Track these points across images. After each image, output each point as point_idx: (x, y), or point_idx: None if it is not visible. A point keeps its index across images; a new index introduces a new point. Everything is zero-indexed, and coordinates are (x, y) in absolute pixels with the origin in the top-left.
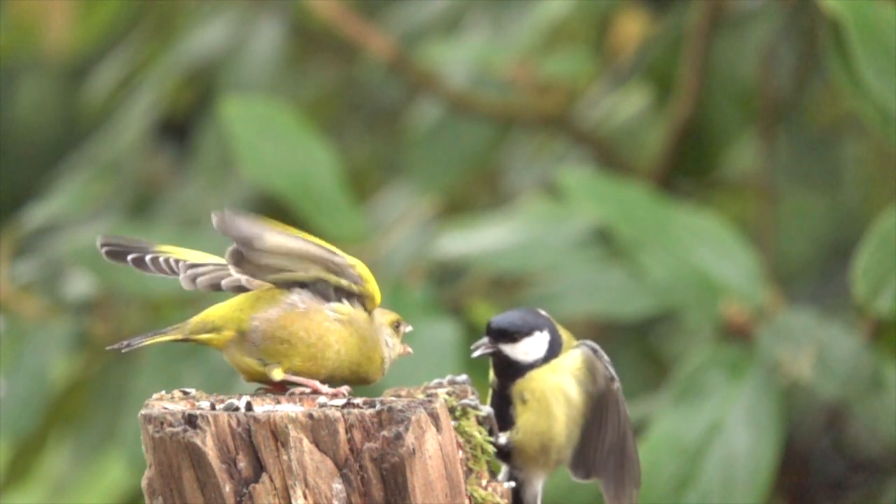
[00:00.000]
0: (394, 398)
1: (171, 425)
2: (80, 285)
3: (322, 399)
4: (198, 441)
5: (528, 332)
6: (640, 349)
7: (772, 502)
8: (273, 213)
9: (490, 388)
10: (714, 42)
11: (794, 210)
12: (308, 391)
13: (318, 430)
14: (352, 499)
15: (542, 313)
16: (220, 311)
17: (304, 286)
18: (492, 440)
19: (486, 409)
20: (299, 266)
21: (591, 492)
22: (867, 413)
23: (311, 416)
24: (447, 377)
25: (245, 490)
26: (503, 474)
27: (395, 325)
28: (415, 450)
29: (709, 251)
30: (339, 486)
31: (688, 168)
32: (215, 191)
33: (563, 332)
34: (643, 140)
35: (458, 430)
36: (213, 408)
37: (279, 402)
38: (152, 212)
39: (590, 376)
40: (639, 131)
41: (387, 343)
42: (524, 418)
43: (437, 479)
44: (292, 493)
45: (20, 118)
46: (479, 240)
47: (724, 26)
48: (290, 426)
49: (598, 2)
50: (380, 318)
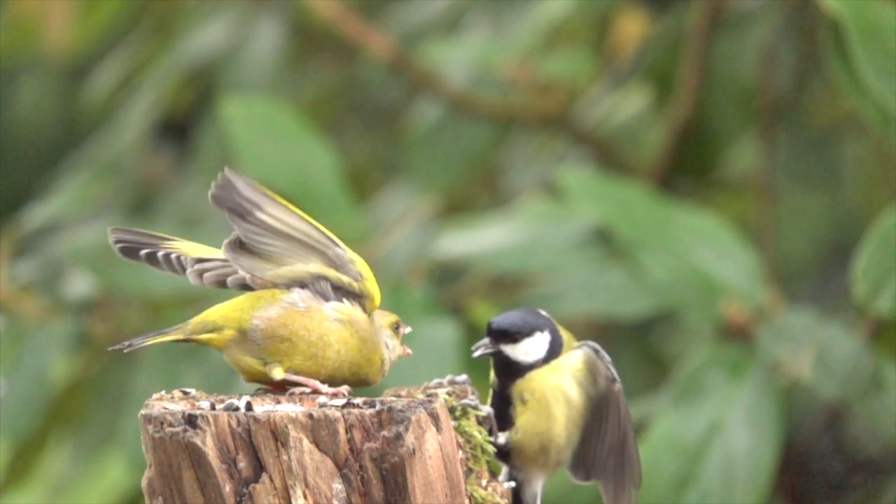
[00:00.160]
0: (394, 398)
1: (171, 425)
2: (80, 285)
3: (322, 399)
4: (198, 441)
5: (528, 333)
6: (640, 349)
7: (772, 502)
8: None
9: (491, 388)
10: (714, 42)
11: (794, 210)
12: (308, 391)
13: (318, 430)
14: (352, 499)
15: (543, 314)
16: (221, 311)
17: (304, 286)
18: (491, 440)
19: (486, 409)
20: (299, 254)
21: (591, 493)
22: (867, 413)
23: (311, 416)
24: (447, 377)
25: (245, 490)
26: (504, 475)
27: (395, 327)
28: (415, 450)
29: (709, 251)
30: (339, 486)
31: (688, 168)
32: None
33: (563, 333)
34: (643, 140)
35: (458, 430)
36: (213, 408)
37: (279, 402)
38: (152, 212)
39: (590, 377)
40: (639, 131)
41: (386, 345)
42: (524, 418)
43: (437, 479)
44: (292, 493)
45: (20, 118)
46: (479, 240)
47: (724, 26)
48: (290, 426)
49: (598, 2)
50: (379, 320)
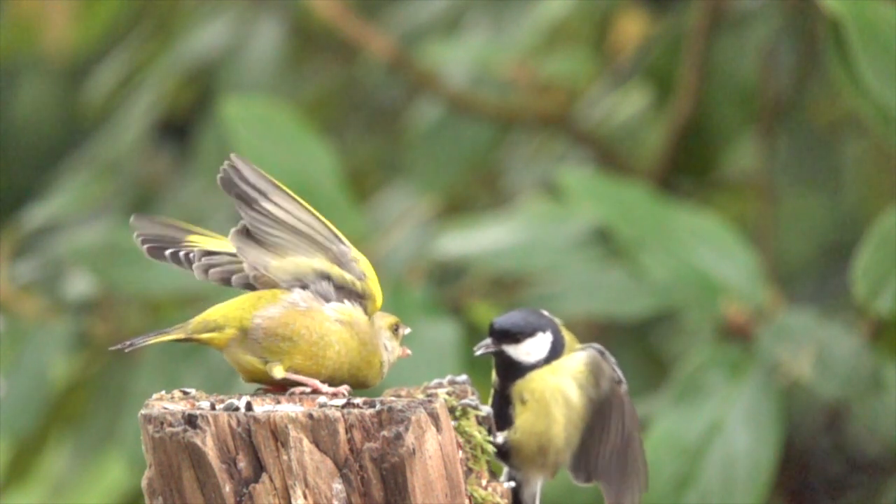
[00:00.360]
0: (394, 398)
1: (171, 425)
2: (80, 285)
3: (322, 399)
4: (198, 441)
5: (530, 333)
6: (640, 349)
7: (772, 502)
8: None
9: (492, 388)
10: (714, 42)
11: (794, 210)
12: (308, 391)
13: (318, 430)
14: (352, 499)
15: (545, 314)
16: (222, 311)
17: (305, 287)
18: (490, 439)
19: (486, 409)
20: (304, 248)
21: (591, 493)
22: (867, 413)
23: (311, 416)
24: (447, 377)
25: (245, 490)
26: (504, 475)
27: (394, 328)
28: (415, 450)
29: (709, 251)
30: (339, 486)
31: (688, 168)
32: (215, 191)
33: (566, 334)
34: (643, 140)
35: (458, 430)
36: (213, 408)
37: (279, 402)
38: (152, 212)
39: (592, 379)
40: (639, 131)
41: (386, 347)
42: (523, 418)
43: (437, 479)
44: (292, 493)
45: (20, 118)
46: (479, 240)
47: (724, 26)
48: (290, 426)
49: (598, 2)
50: (379, 322)
